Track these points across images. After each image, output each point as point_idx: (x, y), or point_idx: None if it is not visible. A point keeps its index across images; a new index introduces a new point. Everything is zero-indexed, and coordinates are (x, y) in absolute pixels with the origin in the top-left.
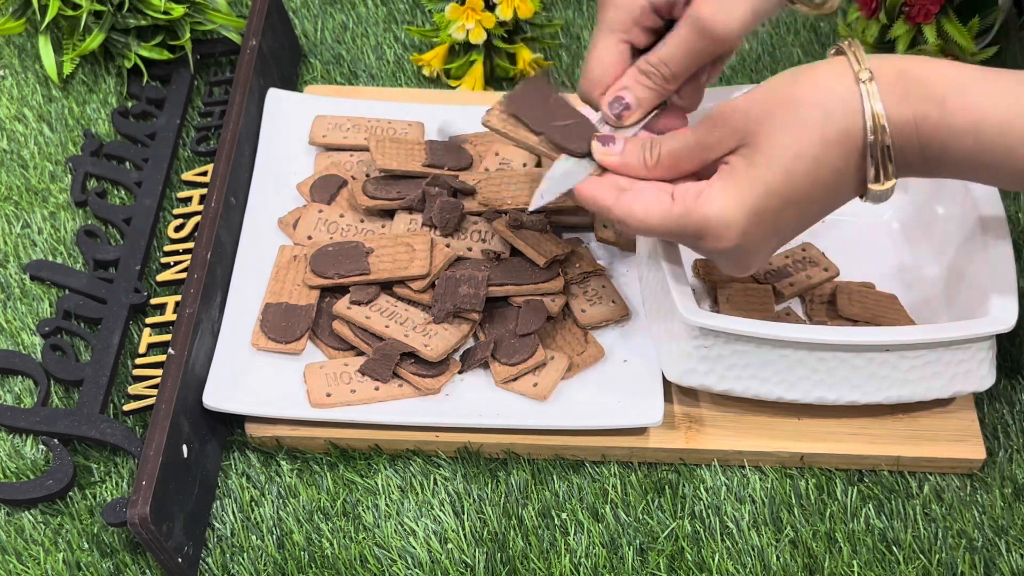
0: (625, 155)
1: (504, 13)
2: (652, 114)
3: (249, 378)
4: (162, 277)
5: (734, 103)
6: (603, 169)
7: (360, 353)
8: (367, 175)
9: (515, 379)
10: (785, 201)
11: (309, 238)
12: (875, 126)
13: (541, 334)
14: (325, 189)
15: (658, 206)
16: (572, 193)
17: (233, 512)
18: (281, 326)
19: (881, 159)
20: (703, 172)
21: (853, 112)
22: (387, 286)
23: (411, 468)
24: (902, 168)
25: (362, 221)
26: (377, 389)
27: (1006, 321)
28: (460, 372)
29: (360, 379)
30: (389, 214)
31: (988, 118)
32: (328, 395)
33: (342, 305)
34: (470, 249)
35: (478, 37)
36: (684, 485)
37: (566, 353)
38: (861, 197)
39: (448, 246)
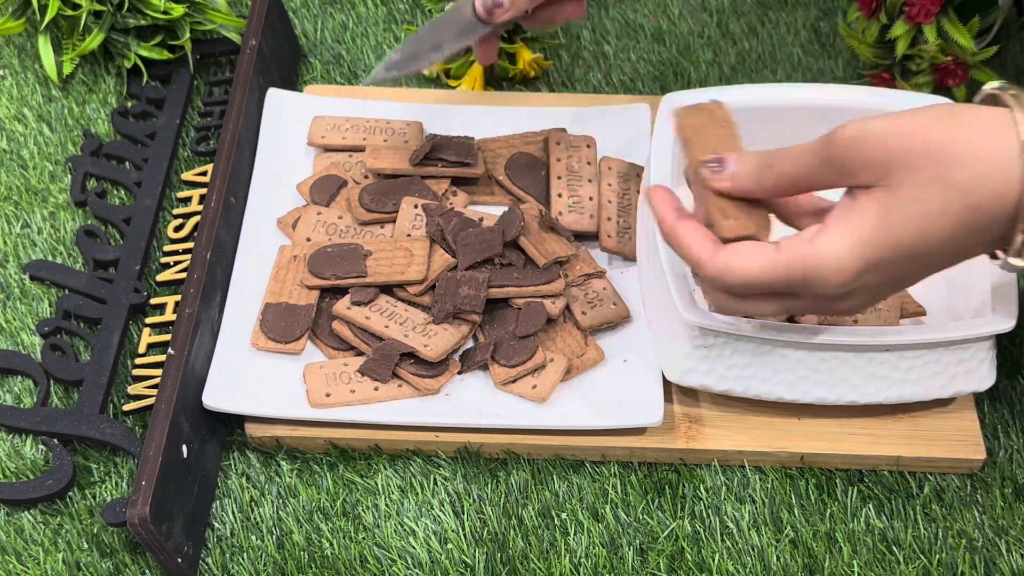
0: (737, 178)
1: None
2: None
3: (249, 378)
4: (162, 277)
5: (873, 131)
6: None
7: (360, 353)
8: (365, 176)
9: (514, 381)
10: (912, 258)
11: (308, 239)
12: None
13: (541, 336)
14: (325, 190)
15: (761, 257)
16: (652, 203)
17: (233, 512)
18: (281, 326)
19: None
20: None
21: (1010, 181)
22: (387, 287)
23: (411, 468)
24: None
25: (361, 223)
26: (376, 389)
27: (1006, 321)
28: (459, 373)
29: (360, 379)
30: (389, 220)
31: None
32: (327, 395)
33: (342, 305)
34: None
35: None
36: (684, 485)
37: (566, 356)
38: (992, 258)
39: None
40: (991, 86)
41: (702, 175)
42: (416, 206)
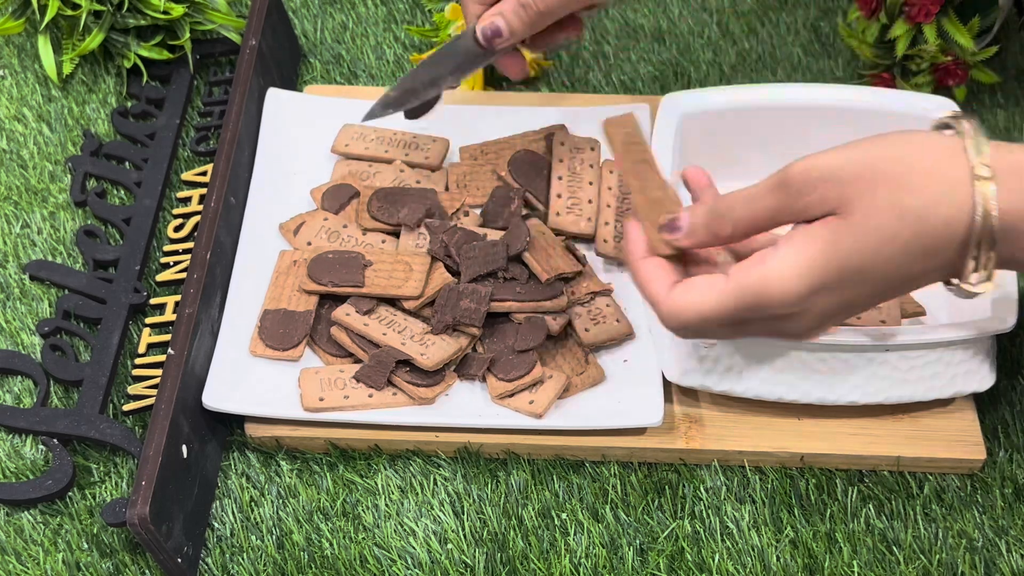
0: (693, 234)
1: None
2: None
3: (249, 378)
4: (162, 277)
5: (824, 164)
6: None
7: (358, 361)
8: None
9: (511, 395)
10: (862, 282)
11: (309, 244)
12: (984, 224)
13: (541, 352)
14: (336, 198)
15: (711, 290)
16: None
17: (233, 512)
18: (279, 333)
19: (983, 259)
20: None
21: (960, 206)
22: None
23: (411, 468)
24: (1007, 261)
25: (364, 234)
26: (371, 396)
27: (1006, 321)
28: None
29: (354, 385)
30: (393, 233)
31: None
32: (321, 399)
33: (341, 312)
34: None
35: None
36: (684, 485)
37: (565, 373)
38: (947, 285)
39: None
40: (945, 114)
41: (663, 236)
42: (420, 225)
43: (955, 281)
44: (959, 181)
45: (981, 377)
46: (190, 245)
